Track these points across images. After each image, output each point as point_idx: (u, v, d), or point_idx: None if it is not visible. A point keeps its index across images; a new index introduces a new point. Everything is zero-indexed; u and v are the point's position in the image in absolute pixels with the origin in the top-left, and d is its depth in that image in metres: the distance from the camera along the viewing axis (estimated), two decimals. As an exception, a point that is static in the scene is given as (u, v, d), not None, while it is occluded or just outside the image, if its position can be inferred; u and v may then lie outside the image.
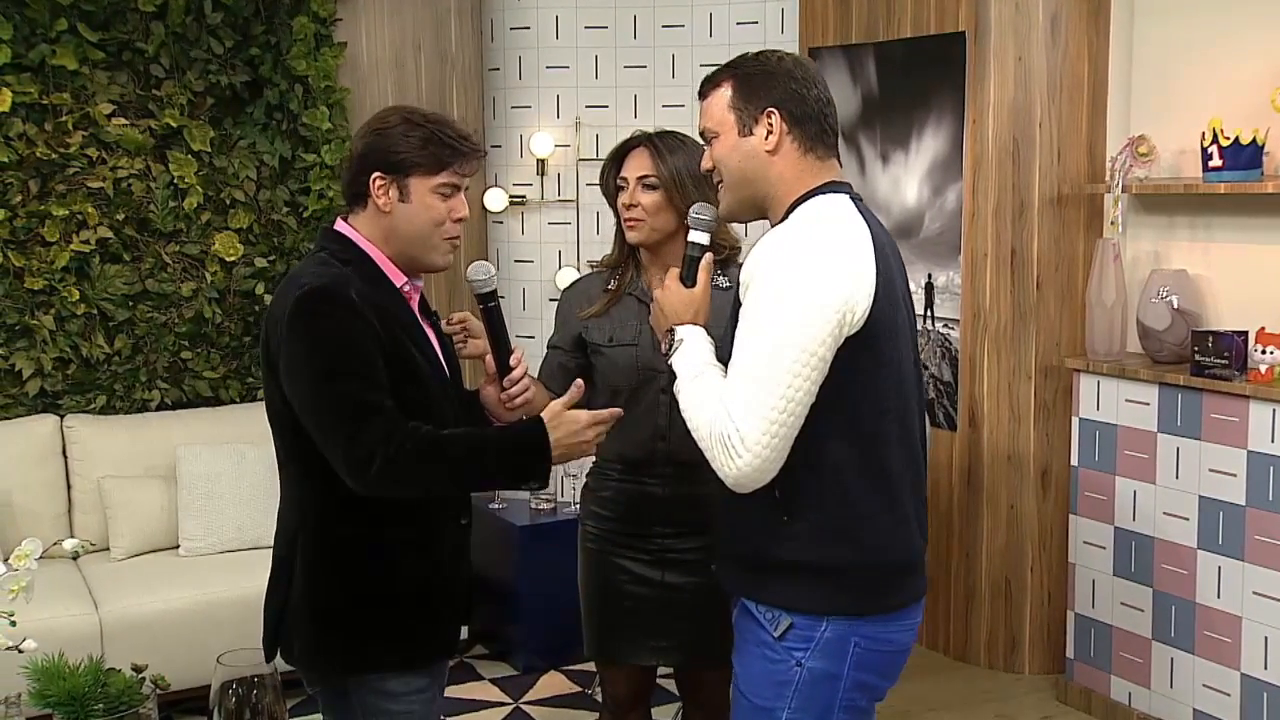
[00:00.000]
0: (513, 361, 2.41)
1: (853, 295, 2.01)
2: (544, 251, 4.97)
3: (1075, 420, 3.98)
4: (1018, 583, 4.30)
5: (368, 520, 2.22)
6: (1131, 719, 3.88)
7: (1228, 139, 3.51)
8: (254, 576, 3.90)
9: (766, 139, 2.14)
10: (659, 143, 2.74)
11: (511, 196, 4.93)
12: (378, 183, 2.22)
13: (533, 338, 4.99)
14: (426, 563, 2.30)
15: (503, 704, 4.17)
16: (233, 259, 4.54)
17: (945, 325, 4.37)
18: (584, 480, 2.96)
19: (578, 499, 4.58)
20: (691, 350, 2.18)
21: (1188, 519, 3.66)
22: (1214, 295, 3.79)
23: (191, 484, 4.16)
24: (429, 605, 2.31)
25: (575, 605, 4.33)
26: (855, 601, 2.11)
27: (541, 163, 4.88)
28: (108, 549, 4.15)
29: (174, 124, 4.40)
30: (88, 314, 4.37)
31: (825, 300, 1.99)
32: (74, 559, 4.08)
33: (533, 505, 4.56)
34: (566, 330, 2.84)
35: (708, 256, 2.30)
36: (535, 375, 2.77)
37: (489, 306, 2.38)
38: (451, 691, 4.24)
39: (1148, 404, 3.76)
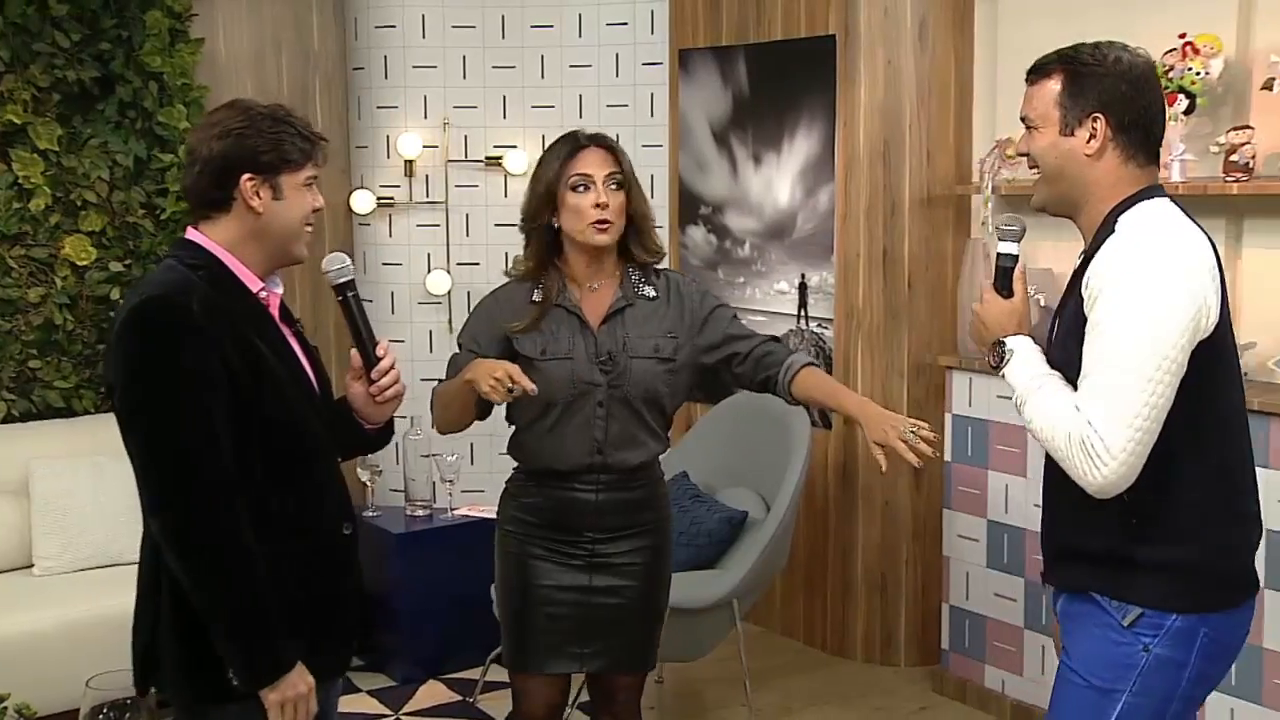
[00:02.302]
0: (379, 352, 2.32)
1: (1206, 299, 2.03)
2: (413, 254, 4.85)
3: (948, 416, 4.03)
4: (893, 577, 4.34)
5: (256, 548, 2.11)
6: (1005, 706, 3.95)
7: (1091, 140, 3.59)
8: (118, 595, 3.69)
9: (1088, 143, 2.10)
10: (612, 141, 2.66)
11: (379, 198, 4.79)
12: (249, 185, 2.14)
13: (402, 341, 4.86)
14: (304, 577, 2.19)
15: (382, 716, 4.03)
16: (85, 263, 4.31)
17: (819, 325, 4.39)
18: (504, 486, 2.84)
19: (454, 505, 4.51)
20: (1025, 361, 2.16)
21: (1058, 510, 3.73)
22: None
23: (46, 500, 3.92)
24: (308, 622, 2.19)
25: (453, 613, 4.27)
26: (1208, 598, 2.11)
27: (409, 164, 4.77)
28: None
29: (17, 120, 4.15)
30: (-74, 322, 4.10)
31: (1182, 305, 2.00)
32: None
33: (408, 513, 4.44)
34: (491, 337, 2.68)
35: (1021, 265, 2.27)
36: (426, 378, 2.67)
37: (347, 297, 2.30)
38: (327, 707, 4.10)
39: (1018, 399, 3.82)
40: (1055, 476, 2.14)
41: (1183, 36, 3.44)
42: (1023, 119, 2.20)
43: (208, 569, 2.06)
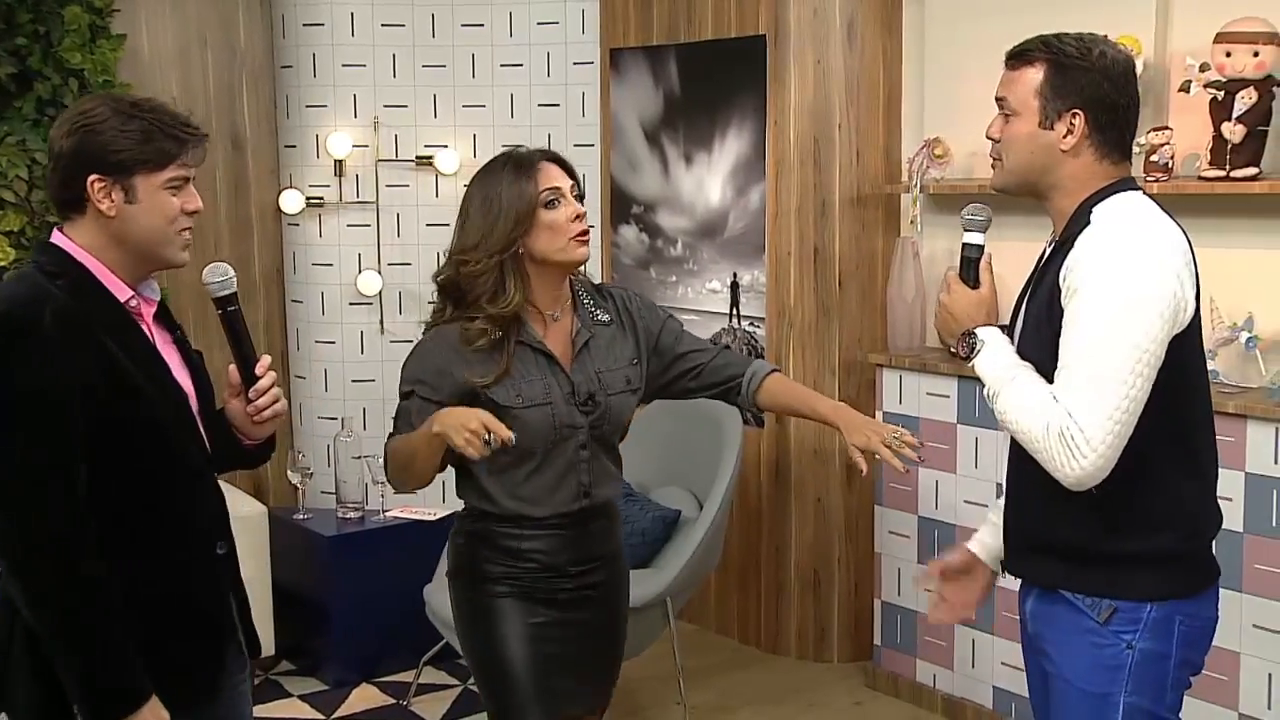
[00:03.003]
0: (259, 370, 2.19)
1: (1181, 291, 2.02)
2: (343, 254, 4.78)
3: (879, 414, 4.04)
4: (825, 574, 4.35)
5: (106, 574, 1.98)
6: (936, 700, 3.97)
7: (1017, 141, 3.62)
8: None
9: (1065, 138, 2.08)
10: (560, 154, 2.49)
11: (308, 198, 4.72)
12: (97, 186, 1.99)
13: (333, 343, 4.80)
14: (166, 600, 2.07)
15: (314, 722, 3.99)
16: (2, 263, 4.20)
17: (751, 323, 4.39)
18: (465, 536, 2.55)
19: (386, 507, 4.45)
20: (996, 351, 2.13)
21: (986, 506, 3.75)
22: (1007, 291, 3.89)
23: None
24: (169, 648, 2.07)
25: (386, 615, 4.21)
26: (1180, 585, 2.13)
27: (339, 164, 4.70)
28: None
29: (-69, 118, 4.05)
30: None
31: (1159, 297, 1.99)
32: None
33: (340, 515, 4.38)
34: (448, 387, 2.40)
35: (987, 255, 2.23)
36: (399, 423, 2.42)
37: (228, 311, 2.17)
38: (259, 710, 3.99)
39: (947, 396, 3.85)
40: (1023, 468, 2.13)
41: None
42: (999, 100, 2.15)
43: (48, 598, 1.94)
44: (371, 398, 4.78)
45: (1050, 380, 2.07)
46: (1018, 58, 2.14)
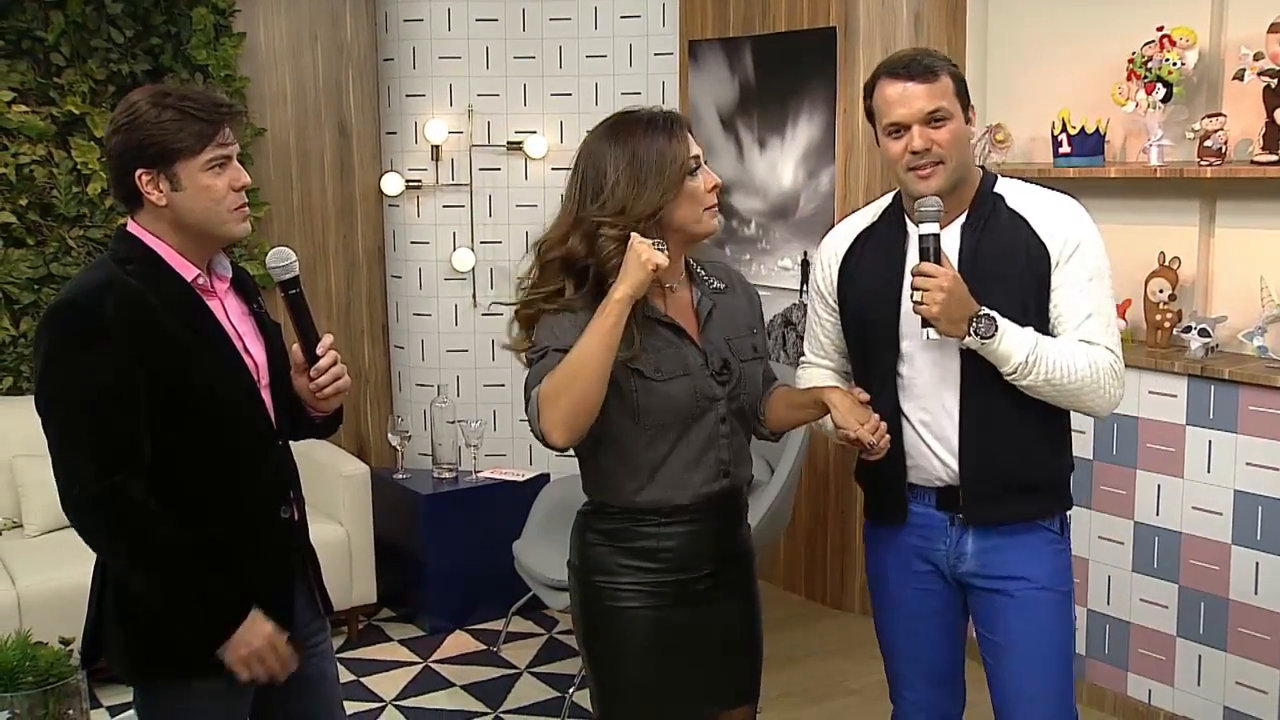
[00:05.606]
0: (320, 350, 2.16)
1: None
2: (439, 233, 4.92)
3: (939, 385, 4.09)
4: (888, 535, 4.41)
5: (172, 520, 2.02)
6: (973, 646, 4.01)
7: (1075, 128, 3.63)
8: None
9: (973, 129, 2.33)
10: (690, 121, 2.29)
11: (407, 181, 4.86)
12: (144, 179, 1.99)
13: (429, 315, 4.94)
14: (231, 565, 2.08)
15: (412, 663, 4.14)
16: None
17: (819, 300, 4.44)
18: (594, 534, 2.26)
19: (479, 468, 4.59)
20: (1012, 326, 2.19)
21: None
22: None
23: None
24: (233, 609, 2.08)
25: (478, 568, 4.36)
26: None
27: (436, 149, 4.83)
28: (21, 526, 4.01)
29: (76, 111, 4.24)
30: (-9, 297, 4.18)
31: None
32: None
33: (436, 475, 4.54)
34: None
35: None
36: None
37: (291, 294, 2.16)
38: (362, 653, 4.21)
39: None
40: (1006, 420, 2.25)
41: (1160, 29, 3.48)
42: (933, 112, 2.20)
43: (133, 563, 2.00)
44: (465, 366, 4.92)
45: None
46: (930, 71, 2.23)
